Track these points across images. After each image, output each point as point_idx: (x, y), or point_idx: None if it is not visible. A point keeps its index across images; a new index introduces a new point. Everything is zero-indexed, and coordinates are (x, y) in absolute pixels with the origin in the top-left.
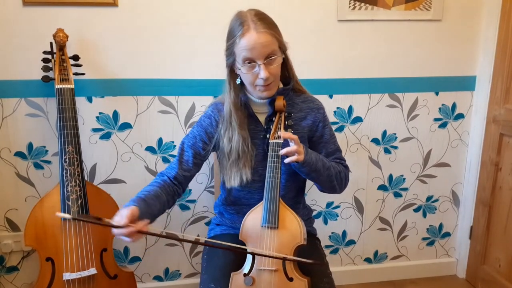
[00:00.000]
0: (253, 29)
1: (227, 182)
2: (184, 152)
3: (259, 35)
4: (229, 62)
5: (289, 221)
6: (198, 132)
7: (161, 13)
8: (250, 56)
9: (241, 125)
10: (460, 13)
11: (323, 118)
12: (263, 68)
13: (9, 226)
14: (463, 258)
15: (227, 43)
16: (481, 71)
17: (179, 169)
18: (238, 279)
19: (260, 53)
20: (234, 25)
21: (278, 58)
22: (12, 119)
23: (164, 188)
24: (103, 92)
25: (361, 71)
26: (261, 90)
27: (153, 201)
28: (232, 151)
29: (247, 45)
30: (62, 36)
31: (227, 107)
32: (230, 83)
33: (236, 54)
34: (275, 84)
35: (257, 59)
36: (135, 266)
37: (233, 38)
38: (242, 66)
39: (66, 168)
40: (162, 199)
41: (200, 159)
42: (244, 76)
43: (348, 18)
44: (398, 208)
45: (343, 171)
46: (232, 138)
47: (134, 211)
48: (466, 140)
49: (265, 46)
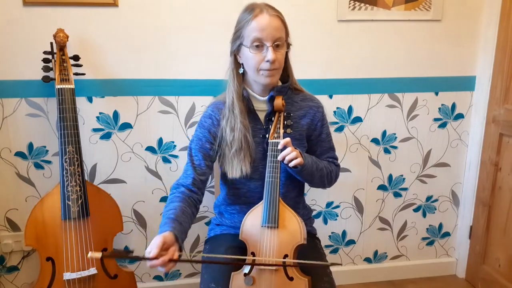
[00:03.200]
0: (265, 12)
1: (229, 173)
2: (194, 157)
3: (271, 18)
4: (234, 48)
5: (289, 221)
6: (202, 133)
7: (161, 13)
8: (260, 36)
9: (243, 114)
10: (460, 13)
11: (322, 117)
12: (271, 50)
13: (10, 226)
14: (463, 258)
15: (236, 27)
16: (481, 71)
17: (195, 174)
18: (239, 279)
19: (270, 35)
20: (245, 11)
21: (284, 46)
22: (13, 119)
23: (186, 201)
24: (103, 92)
25: (361, 71)
26: (264, 75)
27: (183, 218)
28: (234, 140)
29: (259, 25)
30: (62, 36)
31: (230, 96)
32: (234, 70)
33: (245, 36)
34: (278, 72)
35: (266, 41)
36: (135, 266)
37: (244, 20)
38: (250, 47)
39: (66, 168)
40: (188, 212)
41: (210, 160)
42: (250, 59)
43: (348, 18)
44: (398, 208)
45: (334, 170)
46: (235, 126)
47: (167, 238)
48: (466, 140)
49: (276, 29)
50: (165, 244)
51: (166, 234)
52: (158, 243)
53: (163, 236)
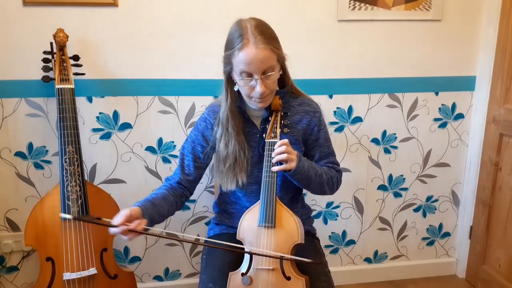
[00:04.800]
0: (252, 44)
1: (223, 186)
2: (185, 157)
3: (258, 50)
4: (226, 70)
5: (286, 220)
6: (196, 136)
7: (161, 13)
8: (247, 70)
9: (237, 131)
10: (460, 13)
11: (318, 122)
12: (260, 83)
13: (9, 226)
14: (463, 258)
15: (225, 52)
16: (481, 71)
17: (182, 174)
18: (236, 279)
19: (257, 68)
20: (233, 36)
21: (275, 74)
22: (12, 119)
23: (171, 190)
24: (103, 92)
25: (361, 71)
26: (256, 101)
27: (160, 202)
28: (228, 156)
29: (245, 59)
30: (62, 36)
31: (223, 113)
32: (227, 89)
33: (234, 65)
34: (270, 96)
35: (254, 74)
36: (135, 266)
37: (232, 49)
38: (239, 78)
39: (66, 168)
40: (169, 200)
41: (200, 163)
42: (241, 88)
43: (348, 18)
44: (398, 208)
45: (335, 176)
46: (229, 143)
47: (133, 211)
48: (466, 140)
49: (263, 61)
50: (131, 216)
51: (133, 208)
52: (124, 214)
53: (130, 210)
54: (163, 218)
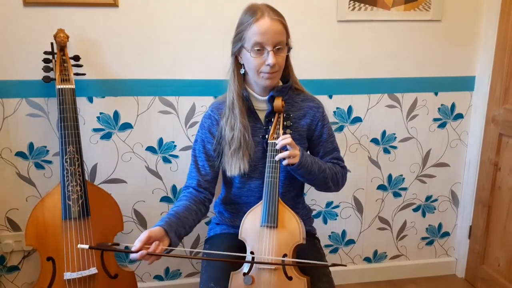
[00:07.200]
0: (267, 16)
1: (228, 171)
2: (198, 158)
3: (272, 22)
4: (235, 49)
5: (288, 221)
6: (204, 134)
7: (161, 13)
8: (261, 40)
9: (242, 114)
10: (459, 13)
11: (322, 117)
12: (272, 54)
13: (10, 226)
14: (462, 258)
15: (237, 29)
16: (481, 71)
17: (199, 175)
18: (238, 278)
19: (271, 39)
20: (247, 13)
21: (284, 51)
22: (13, 119)
23: (191, 199)
24: (103, 92)
25: (360, 71)
26: (264, 77)
27: (184, 213)
28: (234, 139)
29: (260, 29)
30: (62, 36)
31: (230, 96)
32: (234, 71)
33: (247, 39)
34: (278, 74)
35: (267, 45)
36: (135, 266)
37: (246, 23)
38: (251, 50)
39: (67, 168)
40: (192, 209)
41: (213, 161)
42: (251, 62)
43: (347, 18)
44: (397, 207)
45: (339, 172)
46: (235, 126)
47: (153, 232)
48: (465, 140)
49: (277, 33)
50: (151, 238)
51: (154, 229)
52: (142, 238)
53: (149, 231)
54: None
